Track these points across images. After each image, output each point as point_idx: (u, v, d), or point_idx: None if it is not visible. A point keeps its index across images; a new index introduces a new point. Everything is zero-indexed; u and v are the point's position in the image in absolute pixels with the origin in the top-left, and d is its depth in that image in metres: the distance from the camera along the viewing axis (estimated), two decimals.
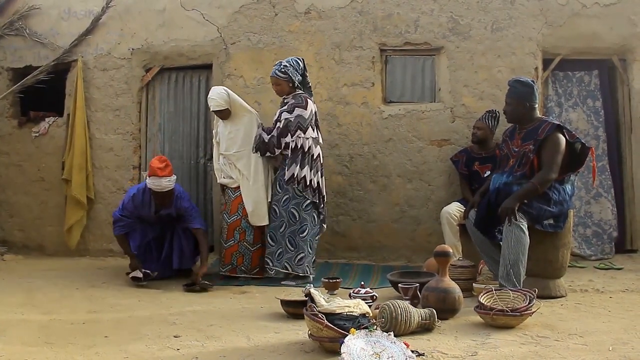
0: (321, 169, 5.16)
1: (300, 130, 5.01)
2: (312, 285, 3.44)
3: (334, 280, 4.53)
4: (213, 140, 5.48)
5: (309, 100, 5.11)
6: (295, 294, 4.06)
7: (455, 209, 5.33)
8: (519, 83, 4.39)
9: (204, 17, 6.19)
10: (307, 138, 5.05)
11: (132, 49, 6.33)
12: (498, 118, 5.51)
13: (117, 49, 6.34)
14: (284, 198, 5.03)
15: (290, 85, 5.08)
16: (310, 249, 5.05)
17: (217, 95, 5.13)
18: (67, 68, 6.46)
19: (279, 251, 5.01)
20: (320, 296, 3.25)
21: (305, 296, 3.36)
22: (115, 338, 3.42)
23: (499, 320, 3.49)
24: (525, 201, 4.15)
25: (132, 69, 6.33)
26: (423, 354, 2.98)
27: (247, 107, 5.28)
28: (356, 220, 5.95)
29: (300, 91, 5.14)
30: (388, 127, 5.93)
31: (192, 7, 6.22)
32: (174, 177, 5.03)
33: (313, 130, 5.10)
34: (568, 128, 4.40)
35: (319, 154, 5.14)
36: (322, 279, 4.60)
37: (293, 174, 4.99)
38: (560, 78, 6.03)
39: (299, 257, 4.96)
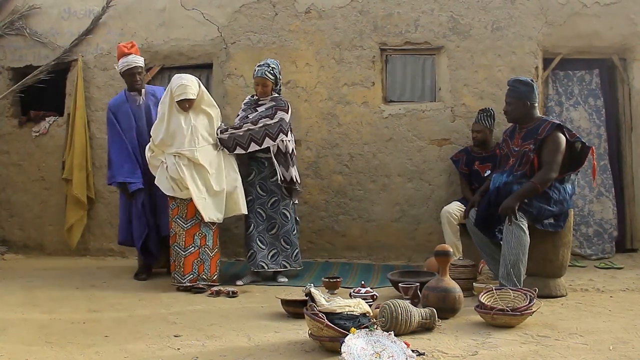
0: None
1: (283, 134, 4.99)
2: (312, 284, 3.44)
3: (335, 280, 4.54)
4: (153, 138, 4.96)
5: (288, 104, 5.15)
6: (296, 293, 4.06)
7: (455, 208, 5.32)
8: (519, 82, 4.40)
9: (204, 17, 6.19)
10: (290, 140, 5.10)
11: None
12: (493, 115, 5.50)
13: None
14: (272, 200, 5.05)
15: (273, 87, 5.10)
16: (297, 244, 5.17)
17: (192, 83, 4.85)
18: (68, 67, 6.46)
19: (272, 252, 5.02)
20: (320, 296, 3.26)
21: (306, 296, 3.36)
22: (116, 337, 3.42)
23: (499, 320, 3.49)
24: (526, 200, 4.15)
25: None
26: (423, 354, 2.98)
27: (213, 100, 5.09)
28: (356, 220, 5.95)
29: (277, 94, 5.17)
30: (388, 127, 5.93)
31: (193, 6, 6.22)
32: (141, 58, 5.25)
33: (291, 132, 5.15)
34: (568, 127, 4.40)
35: (293, 151, 5.18)
36: (323, 278, 4.62)
37: (292, 177, 5.05)
38: (560, 77, 6.03)
39: (294, 253, 5.07)
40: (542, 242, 4.25)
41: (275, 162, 5.00)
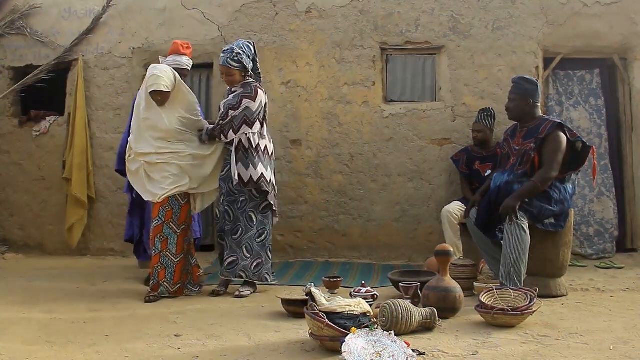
0: (272, 165, 4.69)
1: (247, 125, 4.46)
2: (313, 284, 3.44)
3: (335, 280, 4.53)
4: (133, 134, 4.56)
5: (259, 90, 4.54)
6: (296, 293, 4.06)
7: (456, 208, 5.32)
8: (524, 80, 4.41)
9: (204, 16, 6.19)
10: (254, 133, 4.50)
11: (133, 48, 6.33)
12: (494, 115, 5.51)
13: (117, 48, 6.34)
14: (241, 200, 4.50)
15: (243, 74, 4.55)
16: (268, 254, 4.58)
17: (166, 74, 4.41)
18: (68, 67, 6.46)
19: (231, 259, 4.48)
20: (321, 295, 3.26)
21: (306, 295, 3.36)
22: (116, 337, 3.42)
23: (499, 320, 3.49)
24: (526, 200, 4.15)
25: (132, 68, 6.33)
26: (424, 353, 2.98)
27: (193, 98, 4.67)
28: (357, 220, 5.95)
29: (251, 79, 4.60)
30: (389, 126, 5.93)
31: (193, 6, 6.23)
32: (189, 62, 4.77)
33: (261, 125, 4.56)
34: (569, 127, 4.40)
35: (265, 146, 4.59)
36: (323, 278, 4.61)
37: (251, 178, 4.44)
38: (561, 77, 6.03)
39: (255, 263, 4.49)
40: (543, 241, 4.25)
41: (234, 158, 4.44)
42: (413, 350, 2.89)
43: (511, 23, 5.85)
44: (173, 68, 4.59)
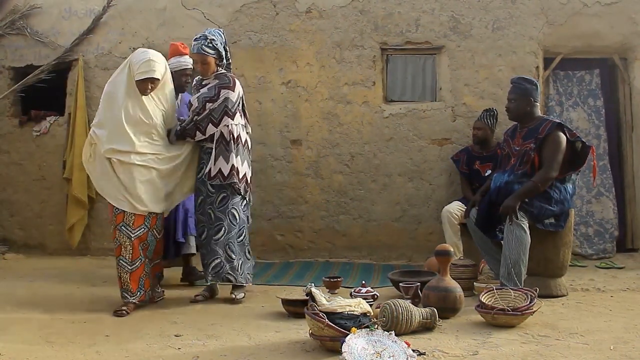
0: (249, 159, 4.43)
1: (228, 117, 4.20)
2: (313, 284, 3.44)
3: (335, 280, 4.53)
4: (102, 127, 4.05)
5: (236, 79, 4.34)
6: (297, 293, 4.06)
7: (456, 208, 5.32)
8: (524, 80, 4.42)
9: (204, 16, 6.19)
10: (236, 125, 4.26)
11: (133, 48, 6.28)
12: (496, 116, 5.51)
13: (118, 48, 6.34)
14: (221, 197, 4.20)
15: (217, 62, 4.29)
16: (249, 253, 4.40)
17: (161, 60, 4.10)
18: (68, 67, 6.46)
19: (215, 262, 4.18)
20: (321, 295, 3.26)
21: (307, 295, 3.36)
22: (116, 337, 3.42)
23: (500, 320, 3.49)
24: (526, 200, 4.15)
25: None
26: (424, 353, 2.98)
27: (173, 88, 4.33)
28: (357, 219, 5.95)
29: (224, 70, 4.36)
30: (389, 126, 5.93)
31: (193, 6, 6.22)
32: (191, 60, 4.55)
33: (241, 116, 4.33)
34: (569, 127, 4.40)
35: (246, 140, 4.37)
36: (323, 278, 4.61)
37: (234, 167, 4.19)
38: (561, 77, 6.03)
39: (240, 264, 4.24)
40: (543, 241, 4.25)
41: (214, 151, 4.18)
42: (413, 351, 2.90)
43: (511, 23, 5.85)
44: (177, 70, 4.54)
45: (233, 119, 4.23)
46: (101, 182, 4.09)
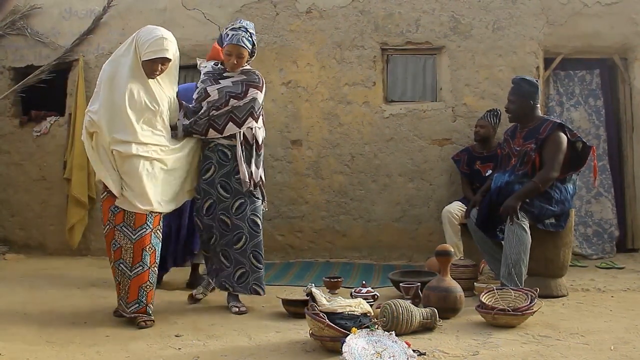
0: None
1: (252, 119, 3.87)
2: (313, 284, 3.44)
3: (335, 280, 4.53)
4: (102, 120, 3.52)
5: (263, 80, 4.02)
6: (297, 293, 4.06)
7: (456, 208, 5.32)
8: (525, 81, 4.41)
9: (205, 17, 6.19)
10: (259, 128, 3.96)
11: None
12: (499, 116, 5.51)
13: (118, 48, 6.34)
14: (238, 203, 3.88)
15: (248, 58, 3.94)
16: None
17: (174, 40, 3.68)
18: (69, 67, 6.47)
19: (239, 272, 3.90)
20: (321, 295, 3.26)
21: (307, 295, 3.36)
22: (117, 337, 3.42)
23: (500, 320, 3.49)
24: (527, 200, 4.15)
25: None
26: (424, 353, 2.98)
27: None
28: (357, 220, 5.95)
29: (248, 66, 4.00)
30: (389, 127, 5.93)
31: (193, 6, 6.23)
32: None
33: (262, 118, 4.03)
34: (569, 127, 4.40)
35: (261, 143, 4.02)
36: (324, 278, 4.61)
37: (258, 172, 3.95)
38: (561, 77, 6.03)
39: (263, 274, 3.95)
40: (543, 242, 4.25)
41: (242, 155, 3.85)
42: (414, 351, 2.89)
43: (512, 23, 5.85)
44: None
45: (257, 122, 3.91)
46: (103, 172, 3.60)
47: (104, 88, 3.55)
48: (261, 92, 3.95)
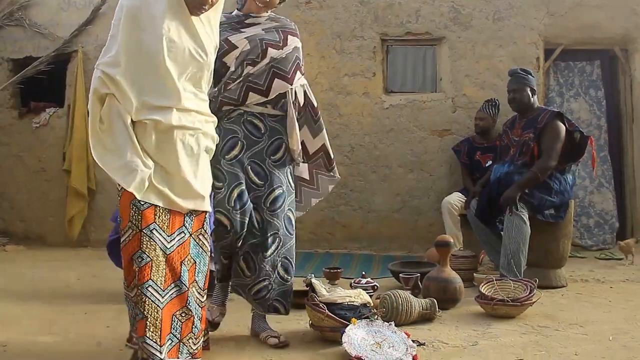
0: None
1: (300, 73, 3.03)
2: (313, 275, 3.44)
3: (335, 270, 4.54)
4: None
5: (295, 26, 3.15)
6: (297, 284, 4.06)
7: (456, 199, 5.32)
8: (523, 71, 4.46)
9: None
10: (303, 85, 3.10)
11: None
12: (498, 106, 5.50)
13: None
14: (276, 195, 2.94)
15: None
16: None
17: None
18: (68, 58, 6.44)
19: (259, 285, 2.98)
20: (321, 286, 3.26)
21: (307, 286, 3.36)
22: (117, 328, 3.42)
23: (499, 310, 3.50)
24: (527, 191, 4.16)
25: None
26: (424, 344, 2.99)
27: None
28: (357, 211, 5.95)
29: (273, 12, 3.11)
30: (389, 117, 5.92)
31: None
32: None
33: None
34: (568, 117, 4.41)
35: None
36: (323, 269, 4.62)
37: (324, 144, 3.15)
38: (561, 68, 6.02)
39: (291, 288, 3.10)
40: (543, 232, 4.25)
41: (294, 115, 2.96)
42: (413, 341, 2.90)
43: (512, 14, 5.83)
44: None
45: (302, 76, 3.05)
46: (115, 160, 2.34)
47: (126, 28, 2.42)
48: (298, 38, 3.09)
